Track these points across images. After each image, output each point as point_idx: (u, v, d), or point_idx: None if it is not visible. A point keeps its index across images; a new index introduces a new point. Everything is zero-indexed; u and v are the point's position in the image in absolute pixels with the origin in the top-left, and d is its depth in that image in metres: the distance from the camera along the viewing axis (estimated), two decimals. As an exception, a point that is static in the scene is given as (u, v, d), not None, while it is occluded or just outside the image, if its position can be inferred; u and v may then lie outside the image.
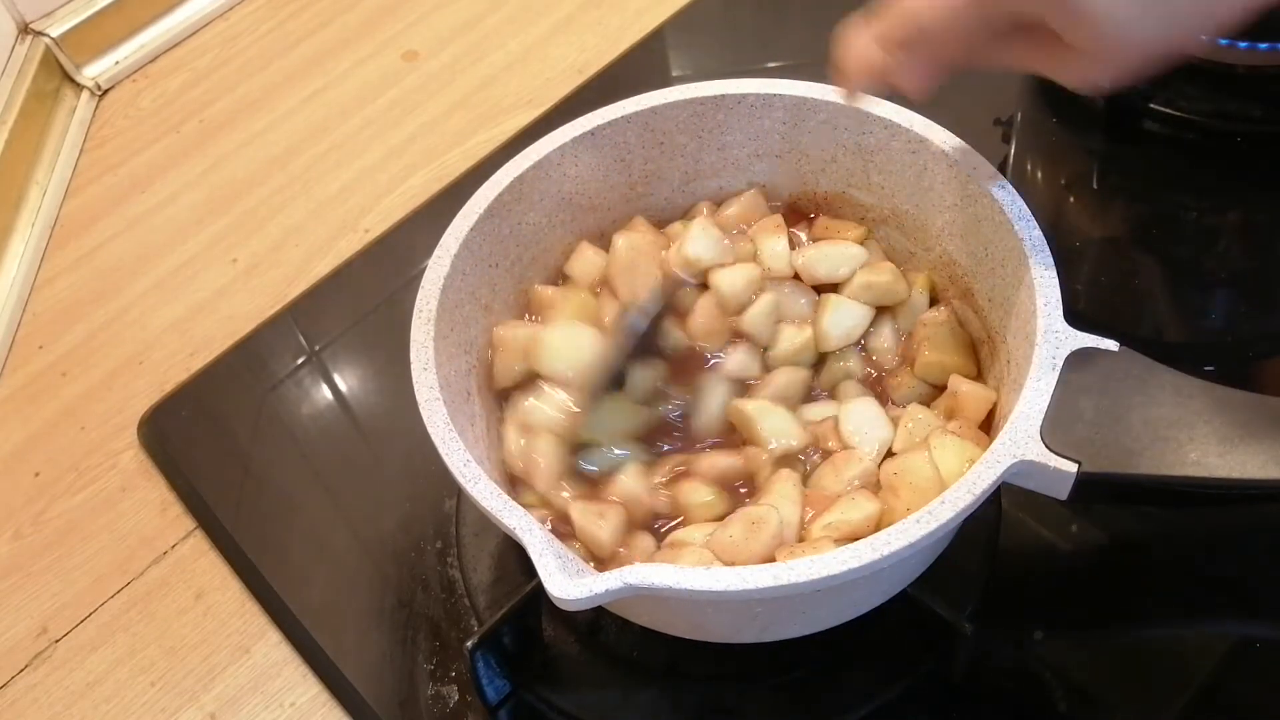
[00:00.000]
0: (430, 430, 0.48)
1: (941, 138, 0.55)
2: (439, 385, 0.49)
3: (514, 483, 0.54)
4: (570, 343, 0.55)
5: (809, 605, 0.48)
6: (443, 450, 0.48)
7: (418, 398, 0.49)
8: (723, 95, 0.59)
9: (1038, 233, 0.51)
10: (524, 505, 0.46)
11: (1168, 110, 0.71)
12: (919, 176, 0.57)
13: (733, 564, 0.47)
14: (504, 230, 0.57)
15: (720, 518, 0.51)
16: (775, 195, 0.62)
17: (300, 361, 0.71)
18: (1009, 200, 0.52)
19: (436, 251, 0.54)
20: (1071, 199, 0.73)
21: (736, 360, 0.56)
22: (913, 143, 0.56)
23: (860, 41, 0.48)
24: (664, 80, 0.62)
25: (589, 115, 0.59)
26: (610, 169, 0.60)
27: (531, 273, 0.59)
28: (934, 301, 0.58)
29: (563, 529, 0.51)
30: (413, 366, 0.50)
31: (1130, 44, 0.43)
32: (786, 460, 0.53)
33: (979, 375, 0.56)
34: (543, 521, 0.48)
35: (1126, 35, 0.42)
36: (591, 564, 0.49)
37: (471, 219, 0.55)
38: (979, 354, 0.56)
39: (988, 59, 0.47)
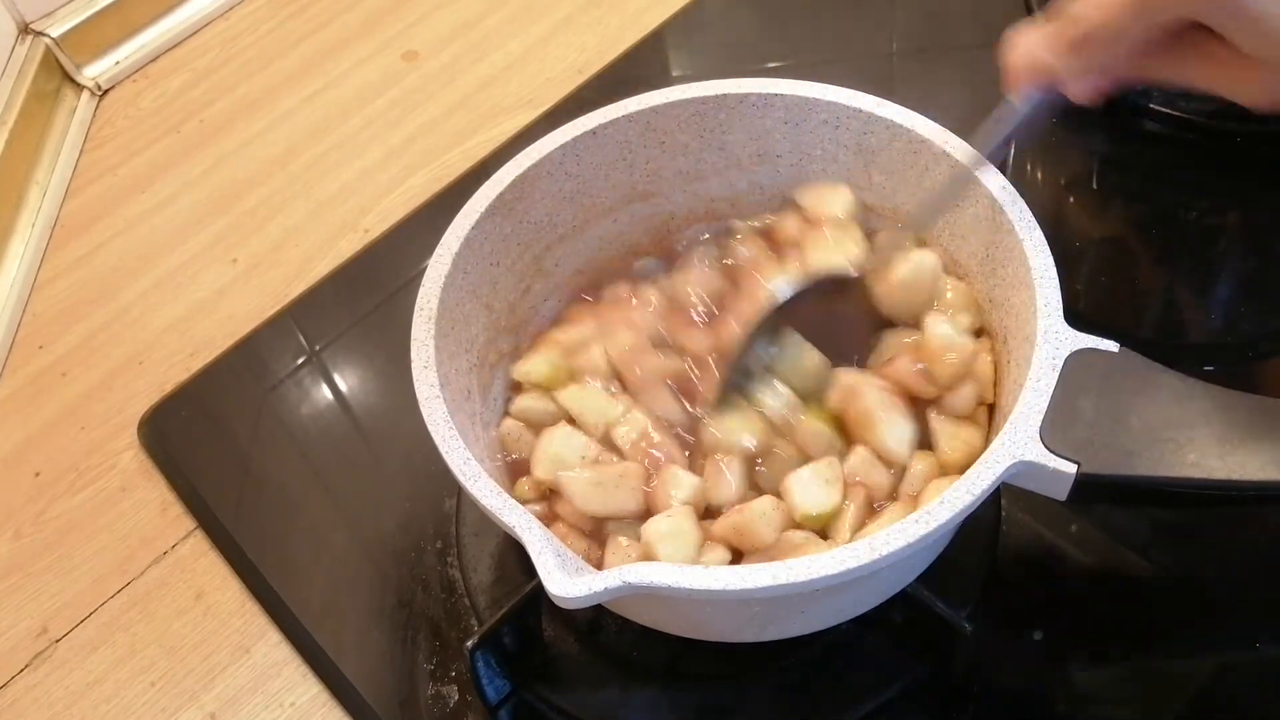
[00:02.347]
0: (430, 429, 0.48)
1: (942, 138, 0.55)
2: (439, 384, 0.49)
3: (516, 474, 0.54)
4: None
5: (808, 605, 0.48)
6: (443, 449, 0.47)
7: (418, 396, 0.49)
8: (724, 95, 0.59)
9: (1038, 233, 0.51)
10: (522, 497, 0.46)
11: (1168, 110, 0.71)
12: (920, 177, 0.57)
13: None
14: (506, 228, 0.57)
15: None
16: (776, 194, 0.62)
17: (300, 361, 0.71)
18: (1009, 200, 0.52)
19: (438, 249, 0.54)
20: (1071, 199, 0.72)
21: None
22: (914, 143, 0.56)
23: (1029, 44, 0.48)
24: (664, 80, 0.62)
25: (591, 114, 0.58)
26: (612, 168, 0.60)
27: (533, 271, 0.59)
28: None
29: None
30: (413, 365, 0.50)
31: None
32: None
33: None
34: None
35: None
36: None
37: (474, 217, 0.55)
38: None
39: (1162, 72, 0.46)
